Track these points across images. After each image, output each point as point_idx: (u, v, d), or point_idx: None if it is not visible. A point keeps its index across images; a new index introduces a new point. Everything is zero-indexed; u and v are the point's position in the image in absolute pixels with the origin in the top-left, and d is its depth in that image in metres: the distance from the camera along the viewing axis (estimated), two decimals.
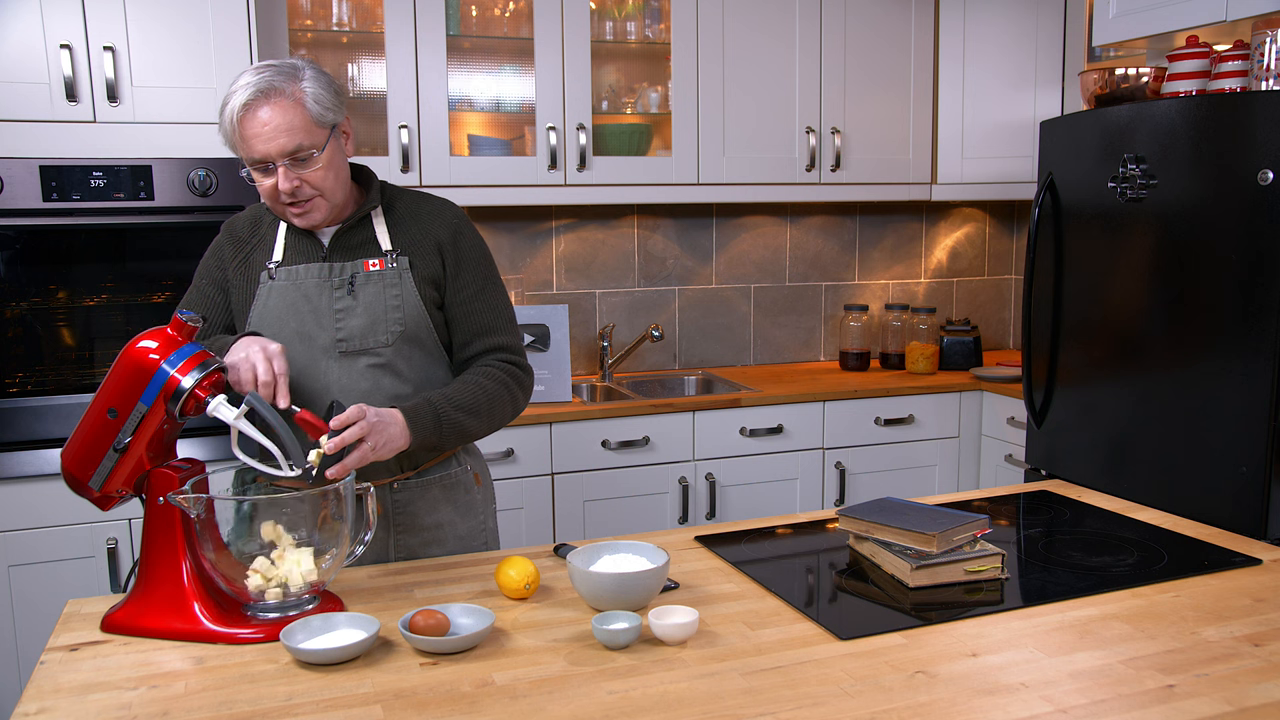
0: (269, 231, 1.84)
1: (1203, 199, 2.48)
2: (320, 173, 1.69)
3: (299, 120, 1.65)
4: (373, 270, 1.78)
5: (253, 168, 1.70)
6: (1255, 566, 1.71)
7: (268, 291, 1.79)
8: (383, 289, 1.78)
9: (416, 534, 1.85)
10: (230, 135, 1.67)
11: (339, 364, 1.77)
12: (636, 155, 3.39)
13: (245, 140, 1.65)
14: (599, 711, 1.23)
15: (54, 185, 2.55)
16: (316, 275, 1.78)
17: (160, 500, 1.47)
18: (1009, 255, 4.27)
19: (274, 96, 1.64)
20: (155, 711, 1.24)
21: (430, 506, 1.86)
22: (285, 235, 1.82)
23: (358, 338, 1.76)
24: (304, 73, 1.69)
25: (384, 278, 1.78)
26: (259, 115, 1.64)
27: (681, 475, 3.19)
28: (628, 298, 3.73)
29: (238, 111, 1.64)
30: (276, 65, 1.68)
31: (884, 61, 3.60)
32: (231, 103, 1.65)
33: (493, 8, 3.30)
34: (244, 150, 1.67)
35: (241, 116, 1.64)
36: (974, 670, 1.33)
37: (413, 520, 1.85)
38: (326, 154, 1.69)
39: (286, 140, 1.65)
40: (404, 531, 1.84)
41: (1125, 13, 2.96)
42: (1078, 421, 2.90)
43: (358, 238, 1.81)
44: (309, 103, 1.67)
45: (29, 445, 2.60)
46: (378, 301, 1.77)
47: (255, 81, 1.64)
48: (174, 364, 1.47)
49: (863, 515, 1.73)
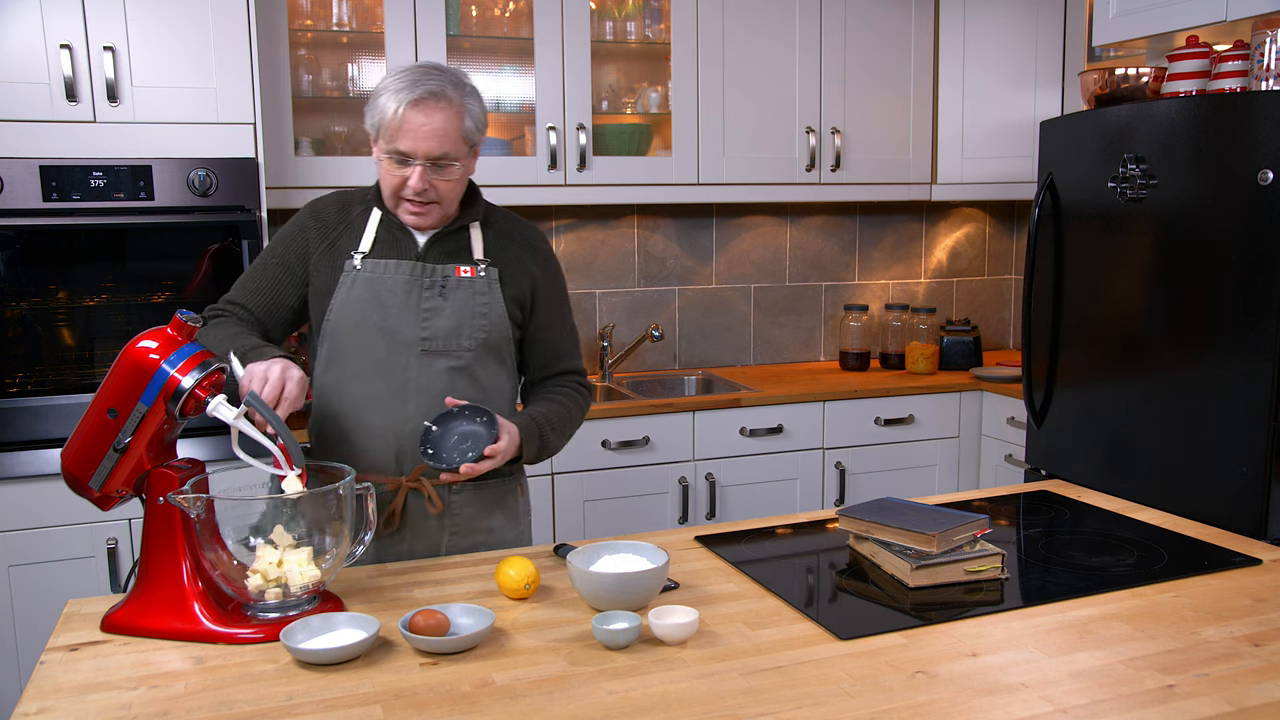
0: (358, 219, 1.86)
1: (1203, 199, 2.48)
2: (450, 184, 1.76)
3: (454, 130, 1.72)
4: (464, 276, 1.83)
5: (391, 157, 1.73)
6: (1255, 566, 1.71)
7: (352, 280, 1.81)
8: (472, 295, 1.83)
9: (468, 536, 1.90)
10: (386, 120, 1.71)
11: (419, 362, 1.81)
12: (636, 155, 3.39)
13: (401, 131, 1.70)
14: (599, 711, 1.23)
15: (54, 185, 2.55)
16: (408, 273, 1.81)
17: (160, 500, 1.47)
18: (1009, 255, 4.27)
19: (442, 102, 1.71)
20: (155, 711, 1.24)
21: (484, 511, 1.91)
22: (377, 228, 1.84)
23: (442, 338, 1.81)
24: (470, 89, 1.77)
25: (474, 285, 1.83)
26: (423, 114, 1.69)
27: (681, 475, 3.19)
28: (628, 298, 3.73)
29: (407, 104, 1.69)
30: (447, 72, 1.75)
31: (884, 61, 3.60)
32: (401, 94, 1.69)
33: (493, 8, 3.30)
34: (393, 139, 1.71)
35: (409, 110, 1.69)
36: (974, 670, 1.33)
37: (468, 524, 1.89)
38: (461, 168, 1.77)
39: (437, 145, 1.71)
40: (457, 534, 1.89)
41: (1125, 13, 2.96)
42: (1078, 421, 2.89)
43: (453, 244, 1.86)
44: (467, 118, 1.74)
45: (29, 445, 2.60)
46: (466, 307, 1.82)
47: (430, 83, 1.70)
48: (174, 364, 1.47)
49: (863, 515, 1.73)
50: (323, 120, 3.23)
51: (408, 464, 1.83)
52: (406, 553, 1.86)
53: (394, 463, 1.83)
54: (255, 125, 2.73)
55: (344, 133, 3.26)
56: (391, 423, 1.81)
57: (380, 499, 1.82)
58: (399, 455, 1.83)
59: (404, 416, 1.80)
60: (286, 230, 1.89)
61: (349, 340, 1.81)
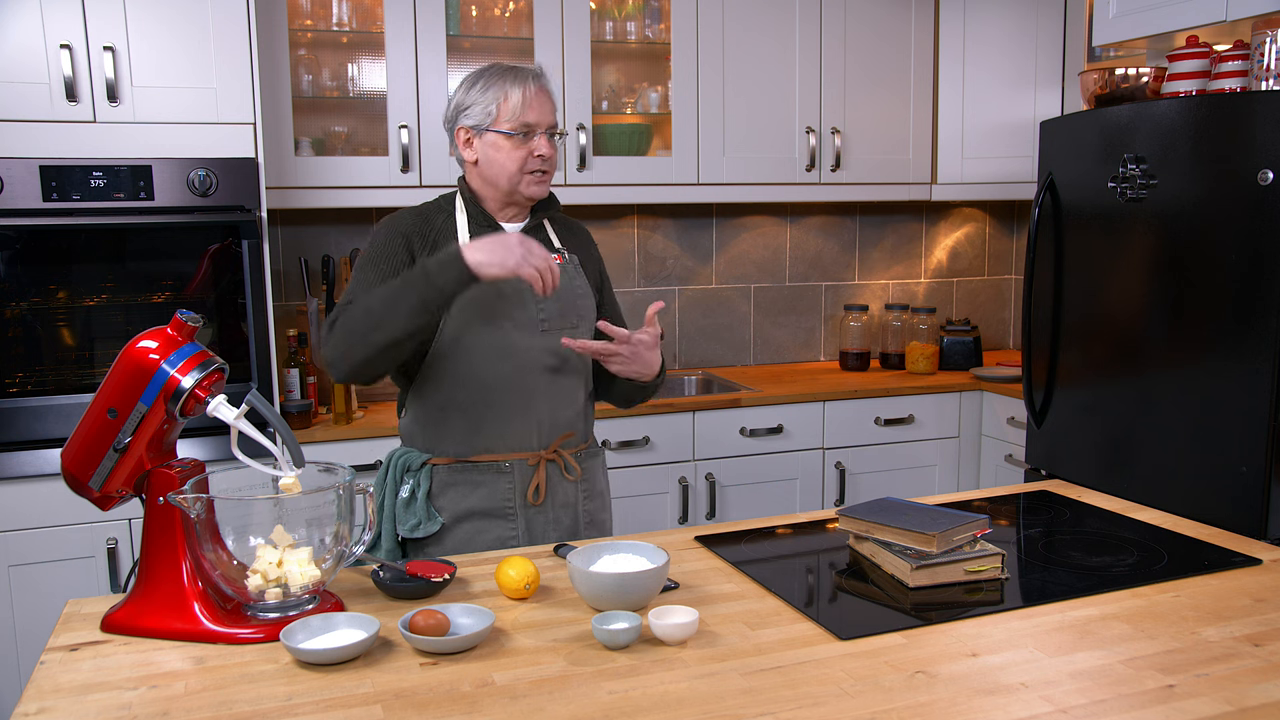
0: (445, 225, 1.95)
1: (1203, 199, 2.48)
2: (555, 154, 1.94)
3: (556, 106, 1.97)
4: (560, 263, 1.96)
5: (515, 135, 1.88)
6: (1255, 566, 1.71)
7: None
8: (569, 279, 1.99)
9: (594, 499, 2.04)
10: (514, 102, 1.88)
11: (540, 340, 1.93)
12: (636, 155, 3.39)
13: (531, 107, 1.89)
14: (599, 711, 1.23)
15: (54, 185, 2.55)
16: None
17: (160, 500, 1.47)
18: (1009, 255, 4.27)
19: (547, 85, 1.95)
20: (155, 711, 1.24)
21: (598, 474, 2.07)
22: (469, 228, 1.95)
23: (556, 318, 1.95)
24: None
25: (566, 270, 2.00)
26: (544, 93, 1.92)
27: (681, 475, 3.19)
28: (628, 298, 3.73)
29: (533, 85, 1.90)
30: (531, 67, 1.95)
31: (884, 61, 3.60)
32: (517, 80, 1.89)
33: (493, 8, 3.30)
34: (523, 116, 1.88)
35: (536, 90, 1.90)
36: (974, 670, 1.33)
37: (593, 488, 2.04)
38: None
39: (554, 116, 1.94)
40: (589, 498, 2.03)
41: (1125, 13, 2.96)
42: (1078, 421, 2.89)
43: (536, 237, 1.99)
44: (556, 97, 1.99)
45: (29, 445, 2.60)
46: (568, 289, 1.97)
47: (534, 72, 1.93)
48: (174, 364, 1.47)
49: (863, 515, 1.73)
50: (323, 120, 3.23)
51: (546, 437, 1.95)
52: (552, 522, 1.97)
53: (535, 438, 1.95)
54: (255, 125, 2.73)
55: (344, 132, 3.26)
56: (529, 401, 1.93)
57: (524, 476, 1.94)
58: (540, 430, 1.95)
59: (537, 394, 1.93)
60: (383, 242, 1.91)
61: (473, 329, 1.88)
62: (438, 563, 1.64)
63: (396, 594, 1.59)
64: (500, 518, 1.93)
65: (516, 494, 1.94)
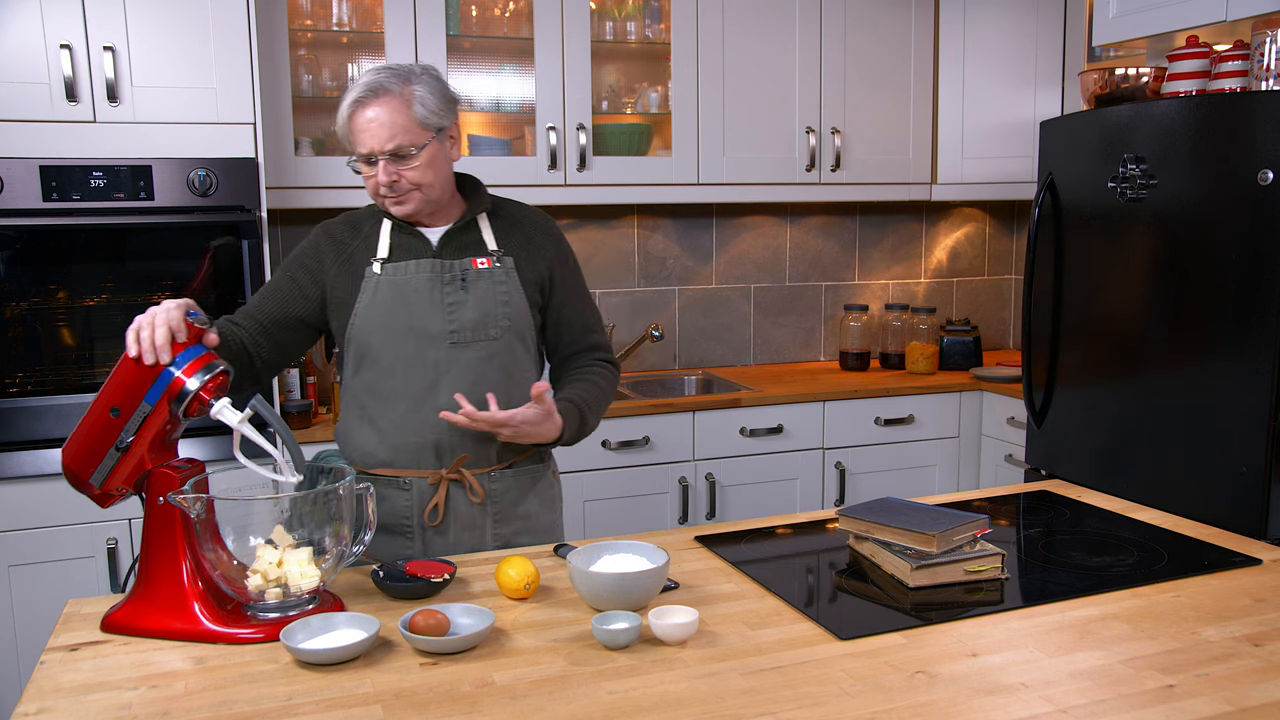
0: (370, 233, 1.90)
1: (1203, 199, 2.48)
2: (418, 170, 1.79)
3: (402, 120, 1.76)
4: (482, 268, 1.88)
5: (359, 160, 1.80)
6: (1255, 566, 1.71)
7: (374, 285, 1.85)
8: (492, 285, 1.88)
9: (510, 523, 1.93)
10: (342, 130, 1.80)
11: (449, 354, 1.84)
12: (636, 155, 3.39)
13: (353, 134, 1.78)
14: (599, 711, 1.23)
15: (54, 185, 2.55)
16: (428, 270, 1.85)
17: (160, 500, 1.48)
18: (1009, 255, 4.27)
19: (383, 96, 1.75)
20: (155, 711, 1.24)
21: (521, 497, 1.94)
22: (390, 235, 1.88)
23: (469, 329, 1.85)
24: (418, 78, 1.79)
25: (493, 275, 1.88)
26: (366, 113, 1.76)
27: (681, 475, 3.19)
28: (628, 298, 3.73)
29: (349, 108, 1.77)
30: (394, 68, 1.79)
31: (884, 62, 3.60)
32: (346, 99, 1.77)
33: (493, 8, 3.30)
34: (353, 144, 1.79)
35: (352, 113, 1.77)
36: (974, 670, 1.33)
37: (509, 510, 1.92)
38: (426, 154, 1.79)
39: (387, 137, 1.75)
40: (500, 522, 1.92)
41: (1125, 13, 2.96)
42: (1078, 421, 2.89)
43: (466, 239, 1.90)
44: (415, 105, 1.77)
45: (29, 445, 2.60)
46: (488, 296, 1.87)
47: (369, 81, 1.76)
48: (179, 365, 1.47)
49: (863, 515, 1.73)
50: (323, 120, 3.23)
51: (447, 457, 1.86)
52: (453, 545, 1.88)
53: (434, 456, 1.86)
54: (255, 125, 2.73)
55: None
56: (428, 416, 1.83)
57: (422, 494, 1.86)
58: (438, 448, 1.86)
59: (439, 409, 1.81)
60: (299, 249, 1.93)
61: (377, 341, 1.84)
62: (438, 563, 1.64)
63: (396, 594, 1.59)
64: (399, 534, 1.87)
65: (415, 512, 1.86)
